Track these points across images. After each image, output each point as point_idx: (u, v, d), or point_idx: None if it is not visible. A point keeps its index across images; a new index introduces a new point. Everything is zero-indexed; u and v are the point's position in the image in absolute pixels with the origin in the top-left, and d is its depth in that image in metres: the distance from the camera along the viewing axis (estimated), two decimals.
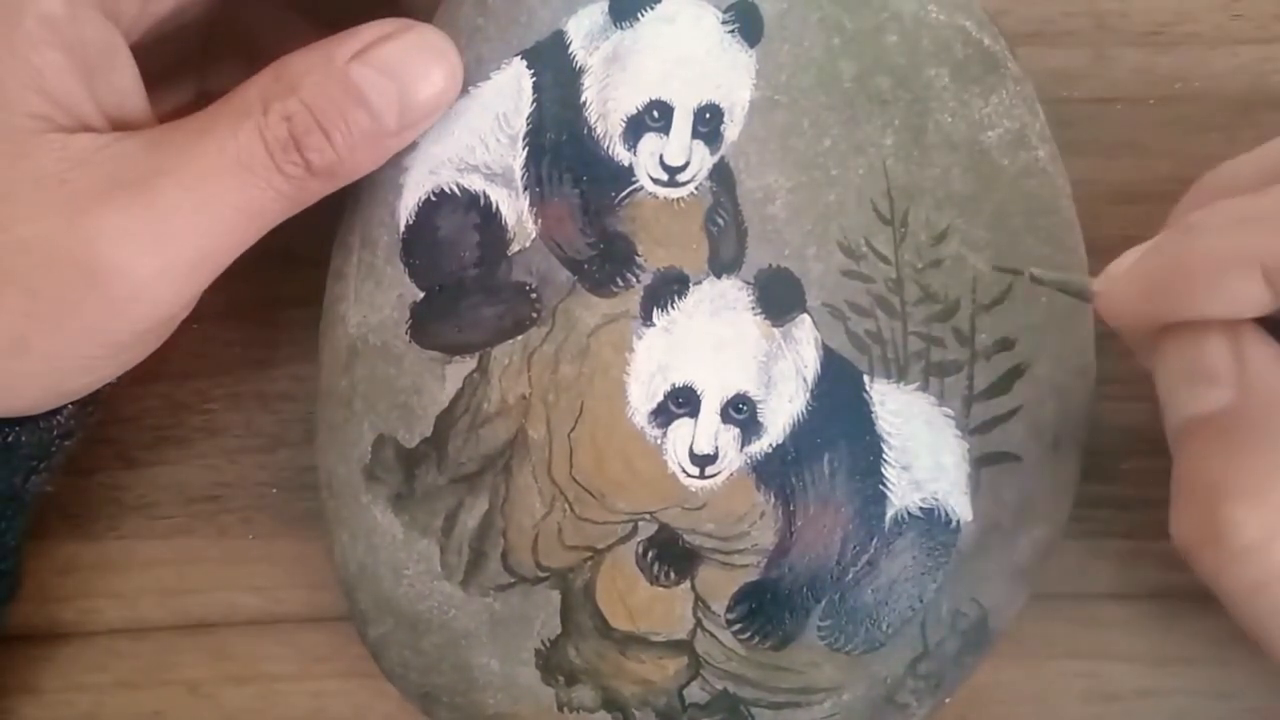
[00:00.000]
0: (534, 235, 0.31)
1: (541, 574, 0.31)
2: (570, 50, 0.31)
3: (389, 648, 0.32)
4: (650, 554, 0.31)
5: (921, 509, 0.31)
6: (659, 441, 0.30)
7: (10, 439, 0.30)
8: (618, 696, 0.32)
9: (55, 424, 0.31)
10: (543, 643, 0.31)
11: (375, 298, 0.31)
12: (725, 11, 0.30)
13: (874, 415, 0.30)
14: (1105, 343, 0.31)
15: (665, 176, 0.30)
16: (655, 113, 0.30)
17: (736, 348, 0.30)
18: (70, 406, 0.31)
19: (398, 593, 0.32)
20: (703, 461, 0.30)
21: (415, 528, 0.31)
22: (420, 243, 0.31)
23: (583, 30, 0.31)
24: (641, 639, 0.31)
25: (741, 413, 0.30)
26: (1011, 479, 0.31)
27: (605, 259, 0.31)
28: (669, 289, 0.30)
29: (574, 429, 0.31)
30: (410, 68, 0.29)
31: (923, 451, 0.30)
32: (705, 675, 0.31)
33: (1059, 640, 0.36)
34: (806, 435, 0.30)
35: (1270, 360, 0.23)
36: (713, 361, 0.30)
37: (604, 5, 0.31)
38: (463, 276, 0.31)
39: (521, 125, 0.31)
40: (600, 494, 0.31)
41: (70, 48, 0.28)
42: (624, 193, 0.31)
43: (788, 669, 0.31)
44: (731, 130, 0.30)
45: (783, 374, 0.30)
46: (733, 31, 0.30)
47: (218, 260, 0.29)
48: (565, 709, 0.32)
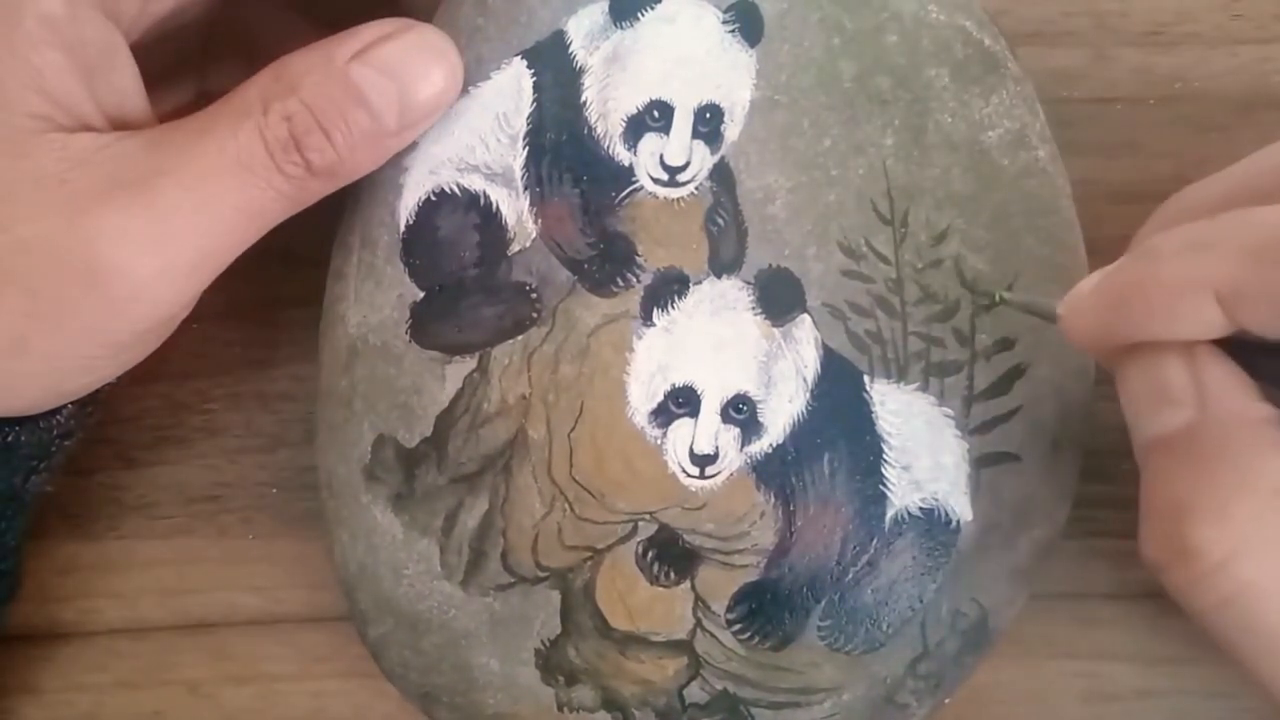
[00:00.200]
0: (534, 235, 0.31)
1: (541, 574, 0.31)
2: (570, 50, 0.31)
3: (389, 648, 0.32)
4: (650, 554, 0.31)
5: (921, 509, 0.31)
6: (659, 441, 0.30)
7: (10, 439, 0.30)
8: (617, 696, 0.32)
9: (55, 424, 0.31)
10: (543, 643, 0.31)
11: (375, 298, 0.31)
12: (725, 11, 0.30)
13: (874, 415, 0.30)
14: None
15: (665, 176, 0.30)
16: (655, 113, 0.30)
17: (736, 348, 0.30)
18: (70, 406, 0.31)
19: (398, 593, 0.32)
20: (703, 461, 0.30)
21: (415, 528, 0.31)
22: (420, 243, 0.31)
23: (583, 30, 0.31)
24: (641, 639, 0.31)
25: (741, 413, 0.30)
26: (1011, 479, 0.31)
27: (605, 259, 0.31)
28: (669, 289, 0.30)
29: (574, 429, 0.31)
30: (410, 68, 0.29)
31: (923, 451, 0.30)
32: (705, 675, 0.31)
33: (1059, 640, 0.36)
34: (806, 435, 0.30)
35: (1227, 380, 0.24)
36: (713, 361, 0.30)
37: (604, 5, 0.31)
38: (463, 276, 0.31)
39: (521, 125, 0.31)
40: (600, 494, 0.31)
41: (70, 48, 0.28)
42: (624, 193, 0.31)
43: (788, 669, 0.31)
44: (732, 130, 0.30)
45: (783, 374, 0.30)
46: (733, 31, 0.30)
47: (218, 260, 0.29)
48: (565, 709, 0.32)
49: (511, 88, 0.31)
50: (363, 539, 0.32)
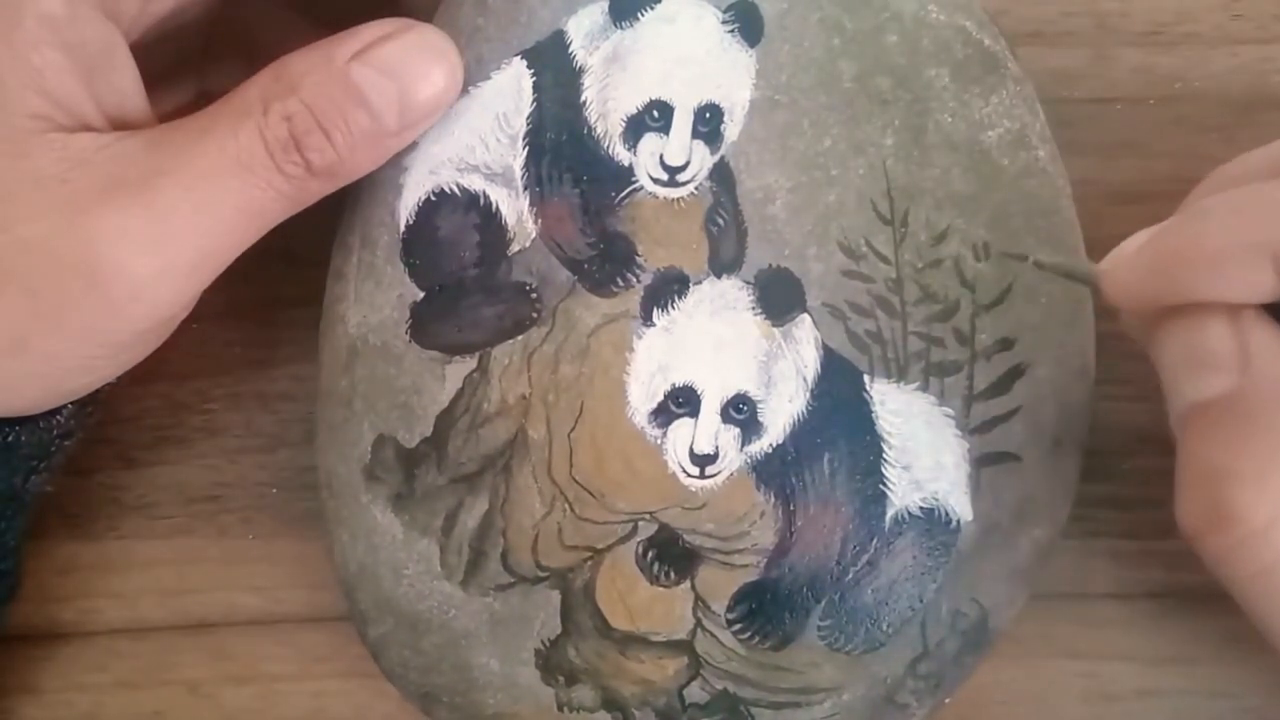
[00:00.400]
0: (534, 235, 0.31)
1: (541, 574, 0.31)
2: (570, 50, 0.31)
3: (389, 648, 0.32)
4: (650, 554, 0.31)
5: (922, 509, 0.31)
6: (659, 441, 0.30)
7: (10, 439, 0.30)
8: (618, 696, 0.32)
9: (55, 424, 0.31)
10: (543, 643, 0.31)
11: (375, 298, 0.31)
12: (725, 11, 0.30)
13: (874, 415, 0.30)
14: (1105, 343, 0.32)
15: (665, 176, 0.30)
16: (655, 112, 0.30)
17: (737, 348, 0.30)
18: (70, 407, 0.31)
19: (398, 593, 0.32)
20: (703, 461, 0.30)
21: (415, 527, 0.31)
22: (420, 243, 0.31)
23: (583, 30, 0.31)
24: (641, 639, 0.31)
25: (742, 412, 0.30)
26: (1011, 479, 0.31)
27: (605, 259, 0.31)
28: (669, 289, 0.30)
29: (574, 429, 0.31)
30: (410, 68, 0.29)
31: (923, 451, 0.30)
32: (705, 675, 0.31)
33: (1059, 640, 0.36)
34: (806, 435, 0.30)
35: (1273, 345, 0.23)
36: (713, 361, 0.30)
37: (604, 5, 0.31)
38: (463, 276, 0.31)
39: (521, 125, 0.31)
40: (600, 494, 0.31)
41: (70, 48, 0.28)
42: (624, 193, 0.31)
43: (788, 669, 0.31)
44: (731, 130, 0.30)
45: (783, 374, 0.30)
46: (733, 31, 0.30)
47: (218, 260, 0.29)
48: (565, 709, 0.32)
49: (511, 88, 0.31)
50: (363, 539, 0.32)
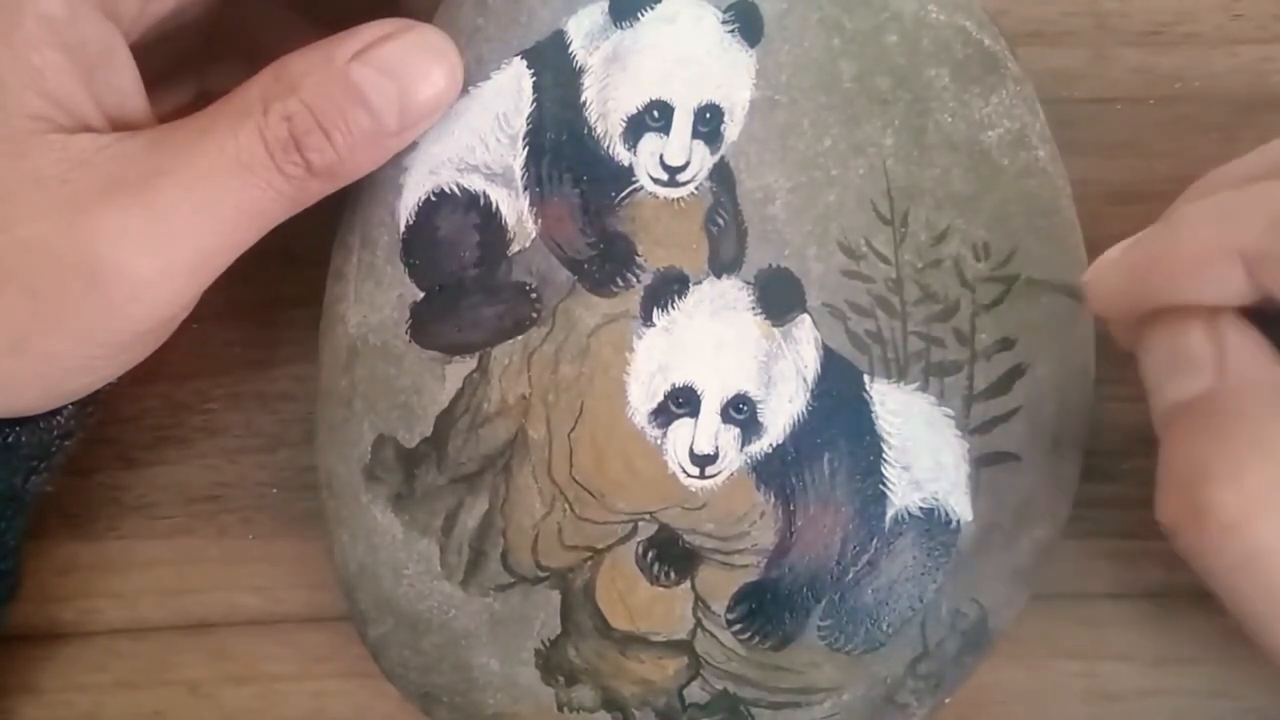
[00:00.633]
0: (534, 235, 0.31)
1: (541, 574, 0.31)
2: (570, 50, 0.31)
3: (389, 648, 0.32)
4: (650, 554, 0.31)
5: (922, 509, 0.31)
6: (659, 441, 0.30)
7: (10, 439, 0.30)
8: (618, 696, 0.32)
9: (55, 424, 0.31)
10: (543, 643, 0.31)
11: (375, 298, 0.31)
12: (725, 11, 0.30)
13: (874, 415, 0.30)
14: (1105, 343, 0.31)
15: (665, 176, 0.30)
16: (655, 112, 0.30)
17: (737, 348, 0.30)
18: (70, 407, 0.31)
19: (398, 593, 0.32)
20: (703, 461, 0.30)
21: (415, 528, 0.31)
22: (420, 243, 0.31)
23: (583, 30, 0.31)
24: (641, 639, 0.31)
25: (742, 413, 0.30)
26: (1011, 479, 0.31)
27: (605, 259, 0.31)
28: (669, 289, 0.30)
29: (574, 429, 0.31)
30: (410, 68, 0.29)
31: (923, 451, 0.30)
32: (705, 675, 0.31)
33: (1059, 640, 0.36)
34: (806, 435, 0.30)
35: (1248, 347, 0.24)
36: (713, 361, 0.30)
37: (604, 5, 0.31)
38: (463, 276, 0.31)
39: (521, 125, 0.31)
40: (600, 494, 0.31)
41: (70, 48, 0.28)
42: (624, 193, 0.31)
43: (788, 669, 0.31)
44: (732, 130, 0.30)
45: (783, 374, 0.30)
46: (733, 31, 0.30)
47: (218, 261, 0.29)
48: (565, 709, 0.32)
49: (511, 88, 0.31)
50: (363, 539, 0.32)
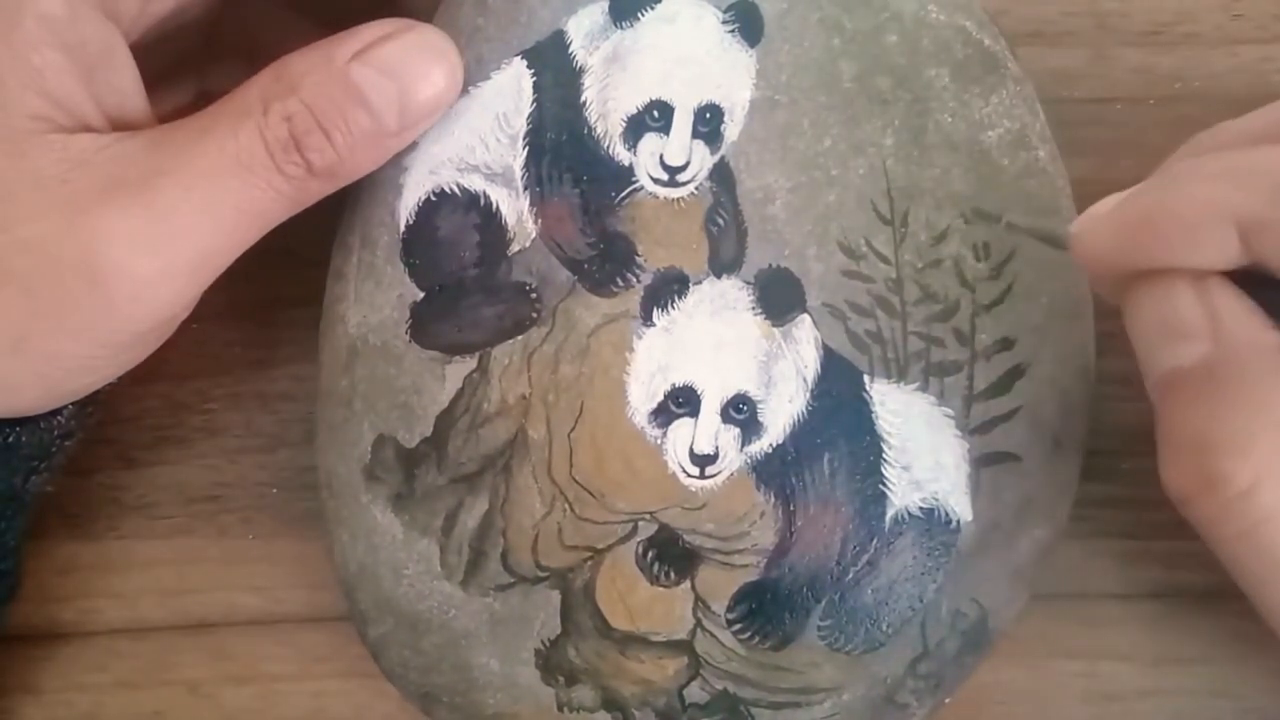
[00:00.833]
0: (534, 235, 0.31)
1: (541, 574, 0.31)
2: (570, 50, 0.31)
3: (389, 648, 0.32)
4: (650, 554, 0.31)
5: (922, 509, 0.31)
6: (659, 441, 0.30)
7: (10, 439, 0.30)
8: (618, 696, 0.32)
9: (55, 424, 0.31)
10: (543, 643, 0.31)
11: (375, 298, 0.31)
12: (725, 11, 0.30)
13: (874, 415, 0.30)
14: (1105, 342, 0.32)
15: (665, 176, 0.30)
16: (655, 112, 0.30)
17: (737, 348, 0.30)
18: (70, 407, 0.31)
19: (398, 593, 0.32)
20: (703, 461, 0.30)
21: (415, 528, 0.31)
22: (420, 243, 0.31)
23: (583, 30, 0.31)
24: (641, 639, 0.31)
25: (742, 413, 0.30)
26: (1011, 479, 0.31)
27: (605, 259, 0.31)
28: (669, 289, 0.30)
29: (574, 429, 0.31)
30: (410, 68, 0.29)
31: (923, 451, 0.30)
32: (705, 675, 0.31)
33: (1059, 640, 0.36)
34: (806, 435, 0.30)
35: (1239, 309, 0.24)
36: (713, 361, 0.30)
37: (604, 5, 0.31)
38: (463, 276, 0.31)
39: (521, 125, 0.31)
40: (600, 494, 0.31)
41: (70, 48, 0.28)
42: (624, 192, 0.31)
43: (788, 669, 0.31)
44: (732, 130, 0.30)
45: (783, 374, 0.30)
46: (733, 31, 0.30)
47: (218, 261, 0.29)
48: (565, 709, 0.32)
49: (511, 88, 0.31)
50: (363, 539, 0.32)
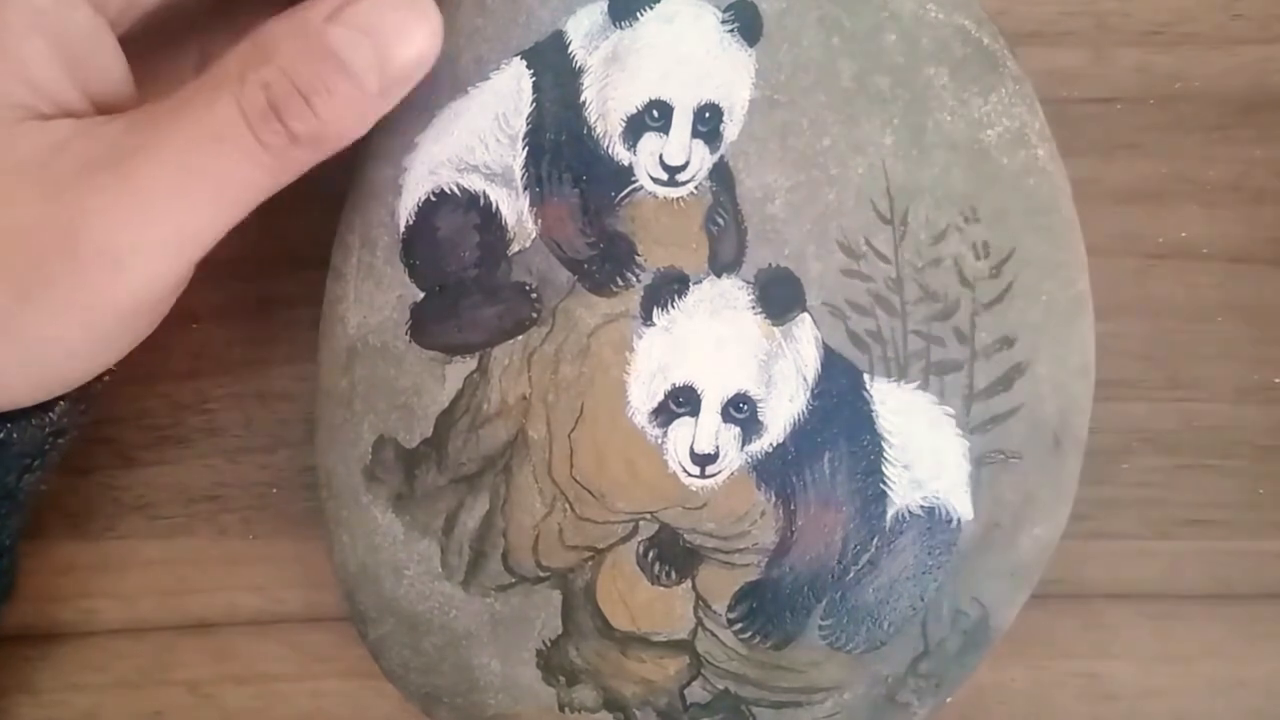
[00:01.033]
0: (534, 235, 0.31)
1: (542, 574, 0.31)
2: (570, 50, 0.31)
3: (389, 648, 0.32)
4: (651, 554, 0.31)
5: (922, 507, 0.31)
6: (659, 441, 0.30)
7: (3, 437, 0.30)
8: (619, 696, 0.32)
9: (48, 421, 0.30)
10: (544, 643, 0.31)
11: (375, 298, 0.31)
12: (724, 11, 0.30)
13: (874, 414, 0.30)
14: (1105, 342, 0.32)
15: (665, 176, 0.30)
16: (655, 112, 0.30)
17: (737, 347, 0.30)
18: (63, 404, 0.30)
19: (398, 593, 0.32)
20: (703, 461, 0.30)
21: (415, 528, 0.31)
22: (420, 243, 0.31)
23: (582, 30, 0.31)
24: (642, 639, 0.31)
25: (742, 412, 0.30)
26: (1012, 477, 0.31)
27: (605, 258, 0.31)
28: (669, 288, 0.30)
29: (574, 429, 0.31)
30: (388, 25, 0.27)
31: (923, 450, 0.30)
32: (706, 675, 0.31)
33: (1059, 640, 0.36)
34: (807, 434, 0.30)
35: None
36: (713, 361, 0.30)
37: (603, 5, 0.31)
38: (463, 277, 0.31)
39: (521, 125, 0.31)
40: (601, 494, 0.31)
41: (55, 37, 0.27)
42: (624, 192, 0.31)
43: (789, 668, 0.31)
44: (731, 129, 0.30)
45: (783, 373, 0.30)
46: (732, 31, 0.30)
47: (201, 238, 0.28)
48: (566, 709, 0.32)
49: (511, 88, 0.31)
50: (363, 539, 0.32)
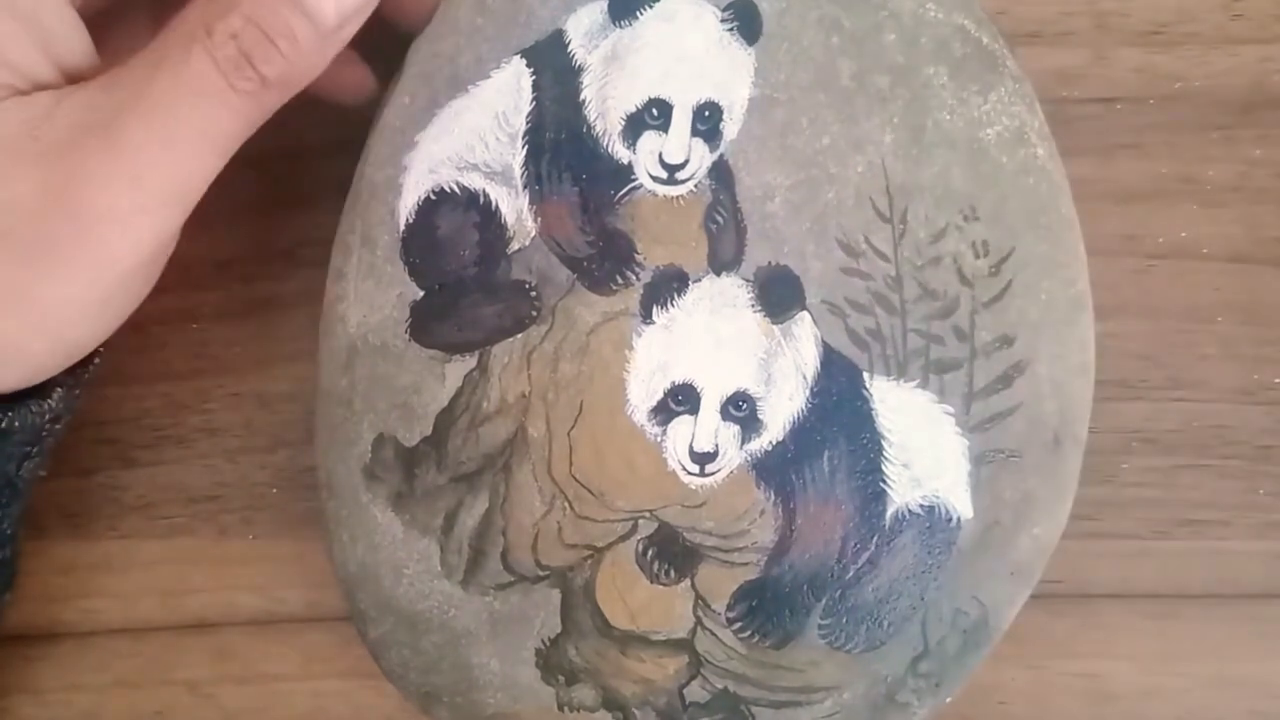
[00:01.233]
0: (533, 233, 0.31)
1: (541, 573, 0.31)
2: (569, 49, 0.31)
3: (389, 647, 0.32)
4: (650, 552, 0.31)
5: (922, 506, 0.31)
6: (659, 439, 0.30)
7: (4, 425, 0.30)
8: (618, 696, 0.32)
9: (46, 408, 0.31)
10: (543, 642, 0.31)
11: (375, 297, 0.31)
12: (724, 10, 0.31)
13: (874, 412, 0.30)
14: (1105, 342, 0.31)
15: (664, 174, 0.30)
16: (654, 110, 0.30)
17: (736, 345, 0.30)
18: (60, 390, 0.31)
19: (398, 592, 0.32)
20: (703, 459, 0.30)
21: (415, 527, 0.31)
22: (420, 241, 0.31)
23: (582, 29, 0.31)
24: (642, 638, 0.31)
25: (741, 410, 0.30)
26: (1011, 476, 0.31)
27: (605, 257, 0.31)
28: (668, 286, 0.30)
29: (574, 427, 0.31)
30: None
31: (923, 449, 0.30)
32: (706, 674, 0.31)
33: (1059, 640, 0.36)
34: (806, 433, 0.30)
35: None
36: (712, 359, 0.30)
37: (603, 4, 0.31)
38: (462, 275, 0.31)
39: (521, 124, 0.31)
40: (600, 492, 0.31)
41: (26, 16, 0.28)
42: (623, 191, 0.31)
43: (788, 668, 0.31)
44: (730, 128, 0.31)
45: (782, 371, 0.30)
46: (731, 29, 0.31)
47: (191, 188, 0.29)
48: (565, 708, 0.32)
49: (511, 86, 0.31)
50: (363, 538, 0.32)
